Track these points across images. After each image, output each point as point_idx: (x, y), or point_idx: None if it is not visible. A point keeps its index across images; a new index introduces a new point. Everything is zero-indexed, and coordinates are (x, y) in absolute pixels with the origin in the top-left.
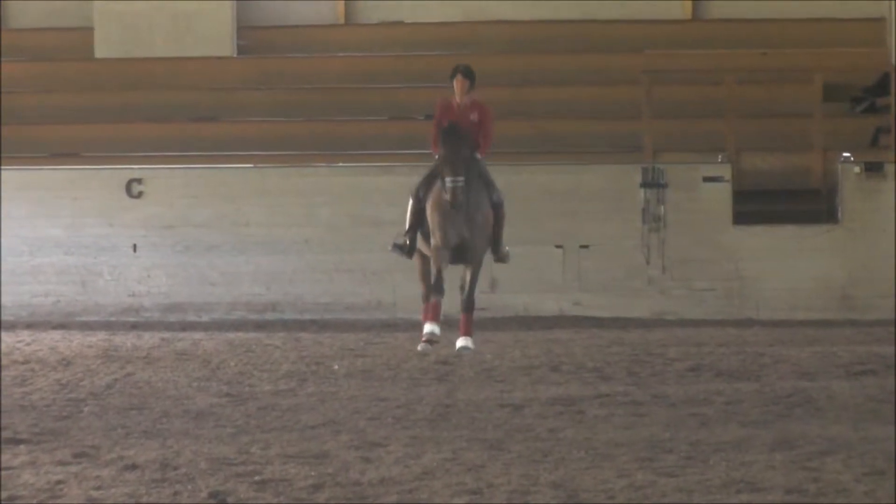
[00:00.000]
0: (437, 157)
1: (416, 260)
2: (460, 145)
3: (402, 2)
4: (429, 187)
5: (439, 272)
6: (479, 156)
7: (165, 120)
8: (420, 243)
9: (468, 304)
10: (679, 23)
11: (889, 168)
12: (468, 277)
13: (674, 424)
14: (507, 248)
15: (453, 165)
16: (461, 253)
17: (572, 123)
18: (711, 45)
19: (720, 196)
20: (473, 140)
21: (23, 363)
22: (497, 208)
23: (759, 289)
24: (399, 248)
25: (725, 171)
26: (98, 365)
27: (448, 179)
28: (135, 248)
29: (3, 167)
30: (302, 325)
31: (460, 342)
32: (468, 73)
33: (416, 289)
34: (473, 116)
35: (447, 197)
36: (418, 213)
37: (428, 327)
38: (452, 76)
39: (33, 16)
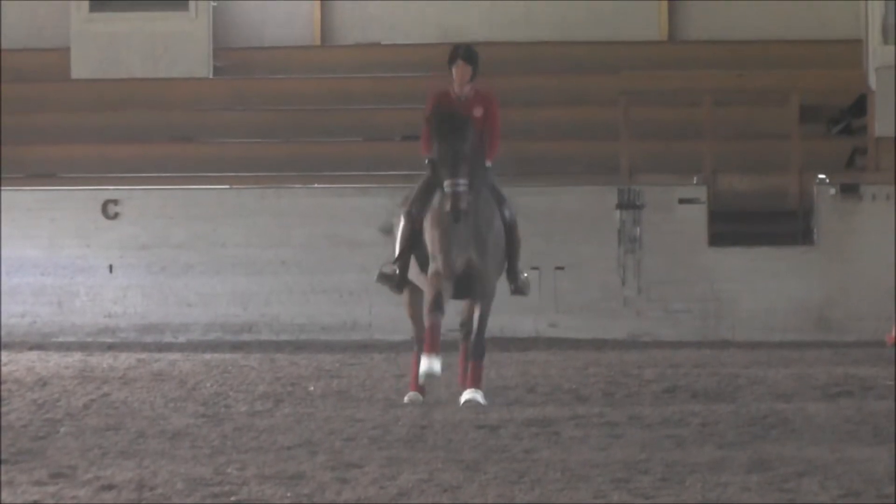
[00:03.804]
0: (428, 160)
1: (405, 295)
2: (461, 137)
3: (379, 23)
4: (424, 203)
5: (439, 293)
6: (487, 162)
7: (142, 140)
8: (414, 273)
9: (477, 351)
10: (655, 44)
11: (865, 189)
12: (477, 315)
13: (650, 445)
14: (525, 274)
15: (453, 164)
16: (467, 282)
17: (549, 144)
18: (688, 67)
19: (696, 217)
20: (477, 136)
21: None
22: (512, 228)
23: (735, 310)
24: (386, 277)
25: (701, 193)
26: (74, 385)
27: (447, 183)
28: (111, 268)
29: None
30: (278, 346)
31: (467, 395)
32: (470, 58)
33: (392, 309)
34: (477, 111)
35: (447, 206)
36: (411, 236)
37: (425, 364)
38: (451, 62)
39: (9, 37)
